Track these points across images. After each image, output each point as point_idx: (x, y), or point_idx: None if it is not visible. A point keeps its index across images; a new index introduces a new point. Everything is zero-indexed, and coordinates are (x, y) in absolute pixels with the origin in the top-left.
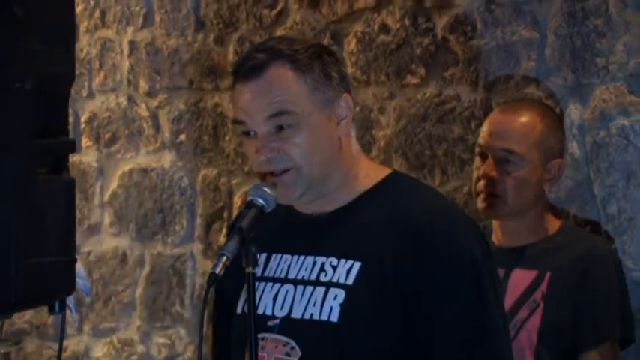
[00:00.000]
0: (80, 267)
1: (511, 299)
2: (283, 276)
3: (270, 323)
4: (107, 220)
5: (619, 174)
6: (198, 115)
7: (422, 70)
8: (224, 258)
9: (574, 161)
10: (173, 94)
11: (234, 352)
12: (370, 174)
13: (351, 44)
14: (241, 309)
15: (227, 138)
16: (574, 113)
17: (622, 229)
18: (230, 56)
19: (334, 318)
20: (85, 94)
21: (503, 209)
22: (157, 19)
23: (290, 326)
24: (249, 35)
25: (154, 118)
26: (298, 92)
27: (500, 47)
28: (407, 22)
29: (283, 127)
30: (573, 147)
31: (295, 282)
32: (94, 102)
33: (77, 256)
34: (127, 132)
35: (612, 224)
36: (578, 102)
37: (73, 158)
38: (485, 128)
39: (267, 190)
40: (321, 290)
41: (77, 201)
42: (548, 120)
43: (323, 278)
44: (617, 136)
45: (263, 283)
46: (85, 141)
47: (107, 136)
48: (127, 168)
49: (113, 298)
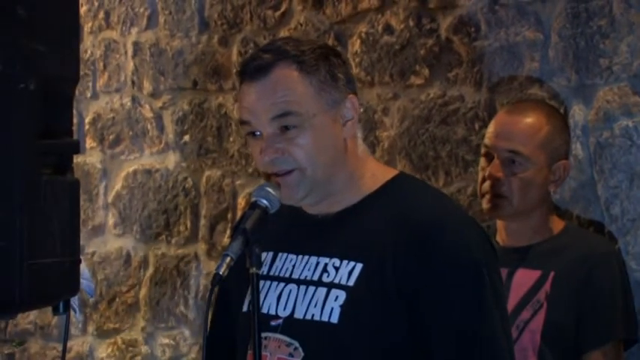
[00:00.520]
0: (84, 268)
1: (514, 299)
2: (288, 276)
3: (273, 323)
4: (111, 221)
5: (623, 175)
6: (202, 116)
7: (426, 71)
8: (228, 259)
9: (578, 162)
10: (177, 95)
11: (238, 350)
12: (376, 175)
13: (355, 45)
14: (247, 307)
15: (231, 139)
16: (578, 114)
17: (625, 230)
18: (234, 57)
19: (334, 319)
20: (89, 95)
21: (508, 210)
22: (161, 20)
23: (293, 327)
24: (253, 36)
25: (158, 119)
26: (304, 93)
27: (503, 48)
28: (411, 23)
29: (288, 128)
30: (577, 148)
31: (299, 282)
32: (98, 103)
33: (81, 257)
34: (131, 133)
35: (616, 225)
36: (581, 103)
37: (77, 159)
38: (491, 129)
39: (271, 191)
40: (323, 291)
41: (81, 202)
42: (554, 121)
43: (325, 279)
44: (620, 137)
45: (268, 282)
46: (89, 142)
47: (111, 137)
48: (131, 169)
49: (117, 299)
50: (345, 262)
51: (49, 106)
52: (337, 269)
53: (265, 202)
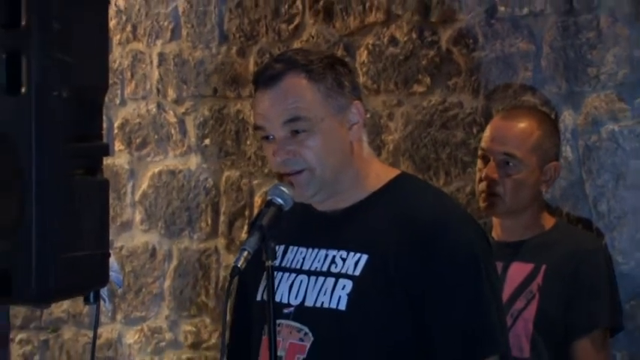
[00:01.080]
0: (113, 261)
1: (509, 290)
2: (299, 267)
3: (285, 311)
4: (138, 218)
5: (609, 175)
6: (221, 121)
7: (427, 80)
8: (245, 253)
9: (567, 163)
10: (198, 102)
11: (252, 338)
12: (380, 175)
13: (363, 56)
14: (260, 296)
15: (248, 142)
16: (567, 119)
17: (612, 226)
18: (251, 67)
19: (342, 306)
20: (118, 102)
21: (502, 208)
22: (184, 33)
23: (303, 314)
24: (268, 47)
25: (181, 124)
26: (312, 99)
27: (499, 58)
28: (414, 36)
29: (299, 132)
30: (567, 150)
31: (309, 273)
32: (126, 109)
33: (110, 251)
34: (156, 137)
35: (603, 221)
36: (571, 109)
37: (107, 161)
38: (487, 133)
39: (285, 190)
40: (332, 281)
41: (110, 200)
42: (545, 126)
43: (333, 270)
44: (607, 140)
45: (281, 273)
46: (118, 145)
47: (138, 141)
48: (157, 170)
49: (143, 290)
50: (352, 254)
51: (81, 113)
52: (344, 260)
53: (280, 201)
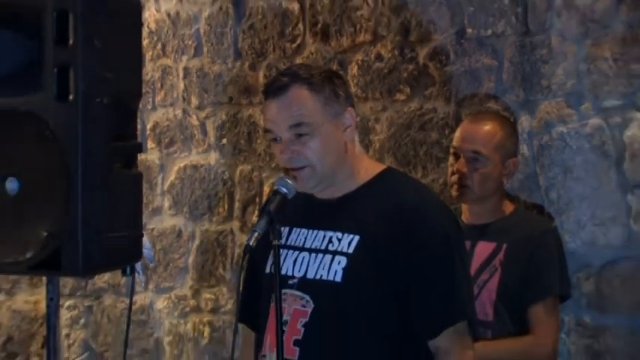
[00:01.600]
0: (146, 240)
1: (476, 265)
2: (301, 245)
3: (290, 282)
4: (166, 204)
5: (558, 169)
6: (236, 124)
7: (407, 90)
8: (256, 234)
9: (524, 159)
10: (217, 108)
11: (262, 304)
12: (369, 169)
13: (353, 69)
14: (269, 270)
15: (258, 141)
16: (524, 122)
17: (561, 211)
18: (261, 79)
19: (338, 279)
20: (150, 108)
21: (471, 196)
22: (205, 50)
23: (305, 285)
24: (275, 63)
25: (203, 126)
26: (313, 107)
27: (467, 72)
28: (396, 53)
29: (301, 134)
30: (524, 148)
31: (310, 250)
32: (157, 114)
33: (143, 232)
34: (182, 137)
35: (553, 207)
36: (527, 114)
37: (141, 157)
38: (457, 134)
39: (289, 182)
40: (329, 257)
41: (144, 190)
42: (506, 128)
43: (330, 248)
44: (557, 140)
45: (286, 251)
46: (150, 144)
47: (166, 140)
48: (182, 164)
49: (171, 264)
50: (346, 235)
51: (119, 117)
52: (340, 240)
53: (285, 190)
